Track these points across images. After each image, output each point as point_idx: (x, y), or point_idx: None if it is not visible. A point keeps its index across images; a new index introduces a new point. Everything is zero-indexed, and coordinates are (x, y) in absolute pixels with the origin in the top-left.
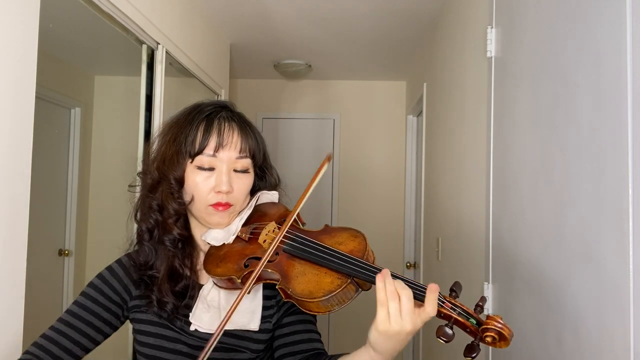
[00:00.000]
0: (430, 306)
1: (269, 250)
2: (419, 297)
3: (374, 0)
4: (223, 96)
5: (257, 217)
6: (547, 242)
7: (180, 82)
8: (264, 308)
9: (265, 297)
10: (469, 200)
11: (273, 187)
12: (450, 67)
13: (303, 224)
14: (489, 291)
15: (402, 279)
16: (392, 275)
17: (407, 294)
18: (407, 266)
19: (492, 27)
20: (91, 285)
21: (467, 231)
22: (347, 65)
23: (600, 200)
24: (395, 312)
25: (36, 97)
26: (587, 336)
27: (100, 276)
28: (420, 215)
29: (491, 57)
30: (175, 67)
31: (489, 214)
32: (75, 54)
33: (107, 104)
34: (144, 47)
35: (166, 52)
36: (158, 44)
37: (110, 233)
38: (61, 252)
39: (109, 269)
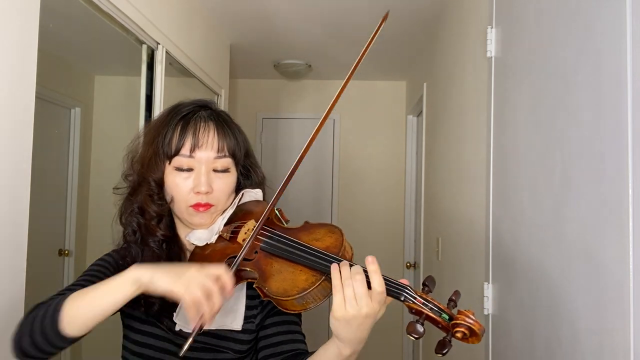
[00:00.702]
0: (376, 282)
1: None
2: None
3: (375, 0)
4: (223, 96)
5: (241, 216)
6: (547, 242)
7: (180, 82)
8: (248, 308)
9: (249, 297)
10: (469, 200)
11: (258, 185)
12: (450, 67)
13: (287, 221)
14: (489, 291)
15: (358, 265)
16: (349, 264)
17: (359, 277)
18: (407, 266)
19: (492, 27)
20: (95, 264)
21: (467, 231)
22: (347, 65)
23: (601, 200)
24: (350, 296)
25: (36, 97)
26: (587, 336)
27: (102, 259)
28: (420, 215)
29: (491, 57)
30: (175, 67)
31: (489, 214)
32: (75, 54)
33: (107, 104)
34: (144, 47)
35: (166, 52)
36: (158, 44)
37: (110, 233)
38: (61, 252)
39: (102, 259)
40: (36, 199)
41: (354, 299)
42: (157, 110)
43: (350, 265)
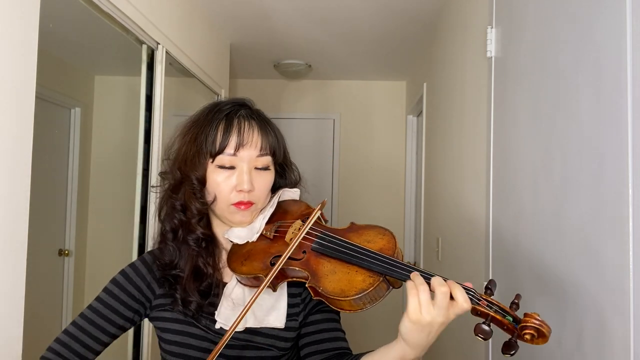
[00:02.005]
0: (460, 296)
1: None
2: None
3: (375, 0)
4: (223, 96)
5: (280, 215)
6: (547, 242)
7: (180, 82)
8: (290, 305)
9: (290, 295)
10: (469, 200)
11: (294, 184)
12: (450, 67)
13: (325, 220)
14: None
15: (438, 276)
16: (426, 273)
17: (443, 290)
18: None
19: (492, 27)
20: (114, 281)
21: (467, 231)
22: (347, 65)
23: (600, 200)
24: (426, 301)
25: (36, 97)
26: (587, 336)
27: (123, 273)
28: (420, 215)
29: (491, 57)
30: (175, 67)
31: (489, 213)
32: (75, 54)
33: (107, 104)
34: (144, 47)
35: (166, 52)
36: (158, 44)
37: (110, 233)
38: (61, 252)
39: (132, 266)
40: (36, 199)
41: (431, 304)
42: (157, 110)
43: (428, 275)
